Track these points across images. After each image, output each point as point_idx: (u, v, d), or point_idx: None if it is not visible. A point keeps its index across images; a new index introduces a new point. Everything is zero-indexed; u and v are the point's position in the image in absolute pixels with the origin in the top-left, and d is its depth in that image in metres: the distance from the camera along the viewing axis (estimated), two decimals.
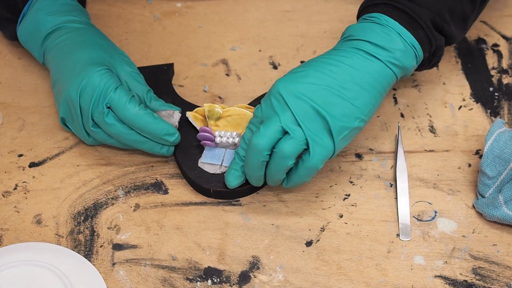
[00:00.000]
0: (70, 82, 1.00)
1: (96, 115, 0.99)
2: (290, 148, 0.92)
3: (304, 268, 0.96)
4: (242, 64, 1.14)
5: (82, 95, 0.99)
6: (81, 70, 0.99)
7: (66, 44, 1.03)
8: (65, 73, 1.01)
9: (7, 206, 1.01)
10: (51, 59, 1.04)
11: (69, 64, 1.01)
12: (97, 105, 0.99)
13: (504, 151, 0.98)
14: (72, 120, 1.02)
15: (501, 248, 0.97)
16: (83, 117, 1.00)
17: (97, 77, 0.99)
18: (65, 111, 1.02)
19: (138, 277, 0.95)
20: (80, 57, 1.01)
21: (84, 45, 1.03)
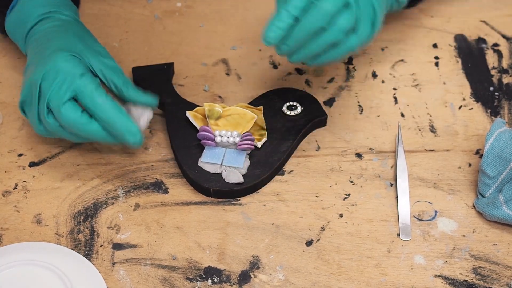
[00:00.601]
0: (36, 65, 0.98)
1: (54, 101, 0.95)
2: (349, 22, 0.93)
3: (304, 268, 0.96)
4: (242, 64, 1.14)
5: (45, 78, 0.96)
6: (50, 55, 0.97)
7: (44, 34, 1.02)
8: (35, 58, 0.99)
9: (7, 205, 1.01)
10: (29, 47, 1.03)
11: (41, 50, 0.99)
12: (57, 91, 0.95)
13: (504, 151, 0.98)
14: (30, 105, 0.98)
15: (501, 248, 0.97)
16: (40, 103, 0.97)
17: (62, 61, 0.96)
18: (26, 94, 0.98)
19: (138, 276, 0.95)
20: (52, 44, 0.99)
21: (60, 34, 1.01)
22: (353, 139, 1.07)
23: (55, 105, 0.95)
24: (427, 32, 1.18)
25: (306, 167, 1.04)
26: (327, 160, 1.05)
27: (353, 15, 0.94)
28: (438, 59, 1.15)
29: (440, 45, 1.16)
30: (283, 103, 1.07)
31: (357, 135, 1.07)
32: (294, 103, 1.07)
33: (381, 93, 1.11)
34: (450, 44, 1.16)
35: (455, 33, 1.17)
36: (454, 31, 1.18)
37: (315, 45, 0.95)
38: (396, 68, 1.14)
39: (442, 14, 1.20)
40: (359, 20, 0.94)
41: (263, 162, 1.02)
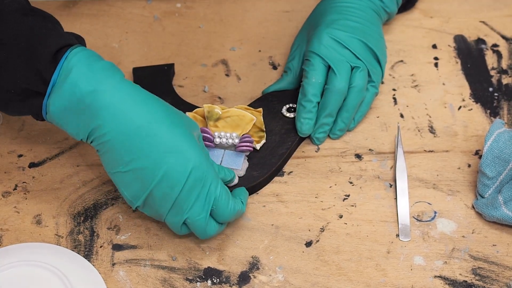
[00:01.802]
0: (172, 163, 0.88)
1: (193, 218, 0.91)
2: (363, 80, 1.04)
3: (304, 269, 0.96)
4: (242, 65, 1.14)
5: (189, 182, 0.89)
6: (185, 153, 0.88)
7: (135, 128, 0.88)
8: (157, 160, 0.88)
9: (7, 206, 1.01)
10: (117, 141, 0.88)
11: (159, 144, 0.88)
12: (198, 203, 0.90)
13: (503, 152, 0.98)
14: (155, 211, 0.92)
15: (500, 249, 0.97)
16: (171, 212, 0.90)
17: (204, 161, 0.89)
18: (150, 202, 0.91)
19: (138, 277, 0.95)
20: (171, 143, 0.88)
21: (163, 127, 0.89)
22: (352, 140, 1.07)
23: (195, 223, 0.92)
24: (426, 33, 1.18)
25: (306, 168, 1.04)
26: (326, 161, 1.05)
27: (365, 71, 1.04)
28: (438, 60, 1.15)
29: (440, 45, 1.16)
30: (283, 105, 1.08)
31: (357, 136, 1.07)
32: (293, 105, 1.07)
33: (380, 94, 1.11)
34: (450, 44, 1.16)
35: (455, 34, 1.18)
36: (454, 32, 1.18)
37: (347, 114, 1.05)
38: (396, 69, 1.14)
39: (442, 14, 1.20)
40: (370, 71, 1.05)
41: (261, 164, 1.02)
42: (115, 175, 0.90)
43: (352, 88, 1.04)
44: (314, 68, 1.04)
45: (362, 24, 1.06)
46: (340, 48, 1.04)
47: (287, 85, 1.09)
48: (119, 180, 0.91)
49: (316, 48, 1.04)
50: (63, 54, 0.88)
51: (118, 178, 0.90)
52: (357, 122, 1.07)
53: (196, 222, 0.91)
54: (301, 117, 1.04)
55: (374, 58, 1.06)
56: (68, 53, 0.89)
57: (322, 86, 1.04)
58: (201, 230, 0.92)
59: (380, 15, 1.11)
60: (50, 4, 1.20)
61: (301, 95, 1.05)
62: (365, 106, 1.07)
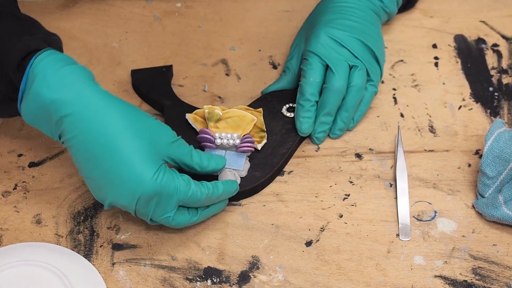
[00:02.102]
0: (119, 188, 0.88)
1: (160, 218, 0.92)
2: (362, 79, 1.04)
3: (304, 268, 0.96)
4: (242, 64, 1.14)
5: (140, 204, 0.89)
6: (136, 178, 0.88)
7: (92, 134, 0.88)
8: (110, 177, 0.88)
9: (6, 206, 1.01)
10: (77, 151, 0.89)
11: (112, 166, 0.88)
12: (161, 213, 0.91)
13: (504, 151, 0.98)
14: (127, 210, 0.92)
15: (501, 248, 0.97)
16: (137, 215, 0.92)
17: (153, 186, 0.88)
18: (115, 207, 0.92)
19: (138, 277, 0.95)
20: (124, 158, 0.88)
21: (119, 138, 0.88)
22: (352, 139, 1.07)
23: (161, 220, 0.92)
24: (426, 33, 1.18)
25: (306, 168, 1.04)
26: (326, 160, 1.05)
27: (363, 70, 1.04)
28: (438, 60, 1.15)
29: (440, 45, 1.16)
30: (282, 105, 1.08)
31: (357, 136, 1.07)
32: (293, 104, 1.07)
33: (380, 94, 1.11)
34: (450, 44, 1.16)
35: (455, 34, 1.18)
36: (454, 32, 1.18)
37: (346, 114, 1.05)
38: (396, 68, 1.14)
39: (442, 14, 1.20)
40: (369, 70, 1.05)
41: (263, 164, 1.02)
42: (83, 177, 0.92)
43: (351, 88, 1.04)
44: (312, 68, 1.04)
45: (360, 23, 1.06)
46: (338, 47, 1.04)
47: (286, 84, 1.09)
48: (86, 183, 0.92)
49: (314, 47, 1.04)
50: (29, 61, 0.89)
51: (85, 180, 0.92)
52: (357, 121, 1.07)
53: (161, 221, 0.93)
54: (300, 116, 1.04)
55: (373, 57, 1.06)
56: (33, 59, 0.89)
57: (320, 85, 1.04)
58: (170, 225, 0.93)
59: (379, 15, 1.11)
60: (50, 4, 1.20)
61: (299, 95, 1.05)
62: (364, 105, 1.07)
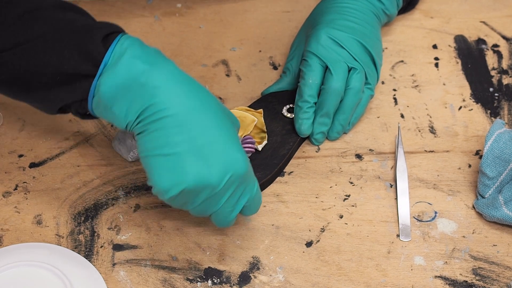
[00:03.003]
0: (211, 164, 0.86)
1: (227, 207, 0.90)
2: (360, 82, 1.04)
3: (304, 269, 0.96)
4: (242, 65, 1.14)
5: (227, 184, 0.87)
6: (228, 155, 0.86)
7: (190, 110, 0.86)
8: (200, 149, 0.86)
9: (7, 206, 1.01)
10: (169, 123, 0.86)
11: (205, 139, 0.86)
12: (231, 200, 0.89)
13: (504, 152, 0.98)
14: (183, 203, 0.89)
15: (501, 249, 0.97)
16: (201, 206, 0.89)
17: (246, 168, 0.87)
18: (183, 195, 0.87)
19: (139, 277, 0.95)
20: (218, 135, 0.86)
21: (214, 118, 0.87)
22: (352, 140, 1.07)
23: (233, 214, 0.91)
24: (426, 33, 1.18)
25: (306, 168, 1.04)
26: (327, 161, 1.05)
27: (362, 73, 1.04)
28: (438, 60, 1.15)
29: (440, 46, 1.16)
30: (283, 105, 1.08)
31: (357, 136, 1.07)
32: (293, 105, 1.07)
33: (380, 94, 1.11)
34: (450, 45, 1.16)
35: (455, 34, 1.18)
36: (454, 32, 1.18)
37: (344, 116, 1.05)
38: (396, 69, 1.14)
39: (442, 15, 1.20)
40: (367, 73, 1.05)
41: (263, 165, 1.02)
42: (155, 158, 0.86)
43: (349, 90, 1.04)
44: (311, 69, 1.04)
45: (360, 25, 1.06)
46: (337, 48, 1.04)
47: (286, 85, 1.09)
48: (156, 164, 0.86)
49: (313, 48, 1.04)
50: (113, 40, 0.88)
51: (157, 161, 0.86)
52: (352, 124, 1.07)
53: (221, 218, 0.90)
54: (299, 117, 1.04)
55: (371, 60, 1.06)
56: (120, 37, 0.89)
57: (319, 87, 1.04)
58: (224, 224, 0.91)
59: (379, 17, 1.11)
60: None
61: (298, 96, 1.05)
62: (360, 108, 1.07)
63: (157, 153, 0.86)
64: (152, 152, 0.86)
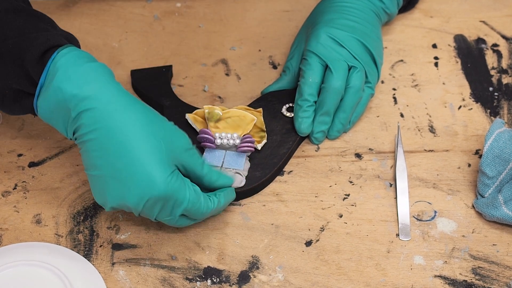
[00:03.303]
0: (128, 188, 0.88)
1: (161, 219, 0.92)
2: (361, 80, 1.04)
3: (303, 268, 0.96)
4: (242, 64, 1.14)
5: (147, 206, 0.89)
6: (147, 178, 0.87)
7: (108, 130, 0.88)
8: (121, 174, 0.88)
9: (6, 205, 1.01)
10: (91, 147, 0.88)
11: (125, 164, 0.88)
12: (167, 216, 0.91)
13: (503, 151, 0.98)
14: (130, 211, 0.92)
15: (500, 248, 0.97)
16: (141, 215, 0.92)
17: (163, 187, 0.88)
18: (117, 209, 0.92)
19: (138, 276, 0.95)
20: (138, 156, 0.87)
21: (135, 134, 0.88)
22: (352, 139, 1.07)
23: (165, 222, 0.93)
24: (426, 33, 1.18)
25: (306, 168, 1.04)
26: (326, 160, 1.05)
27: (362, 72, 1.04)
28: (438, 60, 1.15)
29: (440, 45, 1.16)
30: (282, 104, 1.08)
31: (357, 135, 1.07)
32: (293, 104, 1.07)
33: (380, 93, 1.11)
34: (450, 44, 1.16)
35: (455, 34, 1.18)
36: (454, 32, 1.18)
37: (344, 115, 1.05)
38: (396, 68, 1.14)
39: (442, 14, 1.20)
40: (367, 72, 1.05)
41: (263, 164, 1.02)
42: (88, 176, 0.91)
43: (349, 89, 1.04)
44: (311, 68, 1.04)
45: (360, 24, 1.06)
46: (337, 47, 1.04)
47: (286, 84, 1.09)
48: (91, 182, 0.91)
49: (313, 47, 1.04)
50: (50, 56, 0.89)
51: (90, 180, 0.91)
52: (353, 123, 1.07)
53: (164, 221, 0.93)
54: (299, 116, 1.04)
55: (371, 59, 1.06)
56: (55, 54, 0.89)
57: (319, 86, 1.04)
58: (173, 225, 0.94)
59: (379, 16, 1.11)
60: (50, 4, 1.20)
61: (298, 95, 1.05)
62: (360, 107, 1.07)
63: (88, 173, 0.90)
64: (86, 171, 0.91)
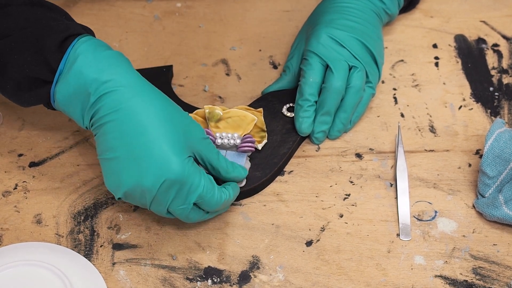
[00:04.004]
0: (145, 168, 0.88)
1: (175, 208, 0.91)
2: (361, 80, 1.04)
3: (304, 268, 0.96)
4: (242, 64, 1.14)
5: (163, 189, 0.88)
6: (164, 160, 0.88)
7: (128, 113, 0.89)
8: (139, 156, 0.88)
9: (7, 205, 1.01)
10: (109, 129, 0.89)
11: (143, 145, 0.88)
12: (180, 203, 0.90)
13: (504, 151, 0.98)
14: (134, 200, 0.92)
15: (501, 248, 0.97)
16: (152, 205, 0.91)
17: (179, 170, 0.88)
18: (130, 196, 0.91)
19: (138, 276, 0.95)
20: (156, 139, 0.88)
21: (154, 120, 0.89)
22: (353, 139, 1.07)
23: (177, 213, 0.92)
24: (426, 33, 1.18)
25: (306, 167, 1.04)
26: (327, 160, 1.05)
27: (363, 71, 1.04)
28: (438, 60, 1.15)
29: (440, 45, 1.16)
30: (283, 104, 1.08)
31: (357, 135, 1.07)
32: (293, 104, 1.07)
33: (381, 93, 1.11)
34: (450, 44, 1.16)
35: (455, 34, 1.18)
36: (454, 32, 1.18)
37: (345, 115, 1.05)
38: (396, 68, 1.14)
39: (442, 14, 1.20)
40: (368, 72, 1.05)
41: (264, 164, 1.02)
42: (102, 162, 0.91)
43: (350, 88, 1.04)
44: (312, 68, 1.04)
45: (361, 24, 1.06)
46: (338, 47, 1.04)
47: (286, 84, 1.09)
48: (104, 167, 0.91)
49: (314, 47, 1.04)
50: (70, 43, 0.91)
51: (104, 165, 0.91)
52: (353, 123, 1.07)
53: (177, 212, 0.92)
54: (299, 116, 1.04)
55: (372, 59, 1.06)
56: (76, 42, 0.91)
57: (320, 86, 1.04)
58: (184, 218, 0.93)
59: (380, 17, 1.11)
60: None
61: (299, 95, 1.05)
62: (361, 107, 1.07)
63: (103, 157, 0.90)
64: (100, 156, 0.91)
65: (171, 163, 0.88)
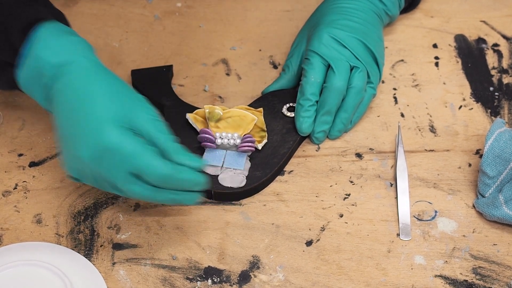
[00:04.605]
0: (79, 140, 0.89)
1: (115, 180, 0.89)
2: (363, 81, 1.04)
3: (304, 268, 0.96)
4: (242, 64, 1.14)
5: (95, 157, 0.88)
6: (97, 129, 0.88)
7: (74, 91, 0.90)
8: (76, 128, 0.89)
9: (7, 205, 1.01)
10: (58, 107, 0.91)
11: (81, 118, 0.89)
12: (113, 170, 0.89)
13: (504, 151, 0.98)
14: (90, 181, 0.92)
15: (501, 248, 0.97)
16: (96, 180, 0.91)
17: (116, 140, 0.88)
18: (78, 172, 0.91)
19: (138, 276, 0.95)
20: (94, 111, 0.89)
21: (97, 95, 0.90)
22: (353, 139, 1.07)
23: (119, 184, 0.90)
24: (427, 32, 1.18)
25: (306, 167, 1.04)
26: (327, 160, 1.05)
27: (364, 72, 1.04)
28: (438, 59, 1.15)
29: (440, 45, 1.16)
30: (283, 104, 1.08)
31: (357, 135, 1.07)
32: (293, 104, 1.07)
33: (381, 93, 1.11)
34: (450, 44, 1.16)
35: (455, 33, 1.18)
36: (454, 31, 1.18)
37: (346, 115, 1.05)
38: (396, 68, 1.14)
39: (442, 14, 1.20)
40: (369, 72, 1.05)
41: (263, 164, 1.02)
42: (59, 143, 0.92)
43: (351, 89, 1.04)
44: (313, 67, 1.04)
45: (362, 25, 1.06)
46: (340, 47, 1.04)
47: (286, 83, 1.10)
48: (61, 149, 0.92)
49: (316, 47, 1.04)
50: (34, 28, 0.93)
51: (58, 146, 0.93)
52: (354, 123, 1.07)
53: (119, 184, 0.90)
54: (300, 116, 1.04)
55: (373, 59, 1.06)
56: (39, 26, 0.93)
57: (321, 85, 1.04)
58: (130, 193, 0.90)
59: (381, 18, 1.11)
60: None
61: (300, 94, 1.05)
62: (362, 107, 1.07)
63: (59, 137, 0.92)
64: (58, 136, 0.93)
65: (103, 131, 0.88)
